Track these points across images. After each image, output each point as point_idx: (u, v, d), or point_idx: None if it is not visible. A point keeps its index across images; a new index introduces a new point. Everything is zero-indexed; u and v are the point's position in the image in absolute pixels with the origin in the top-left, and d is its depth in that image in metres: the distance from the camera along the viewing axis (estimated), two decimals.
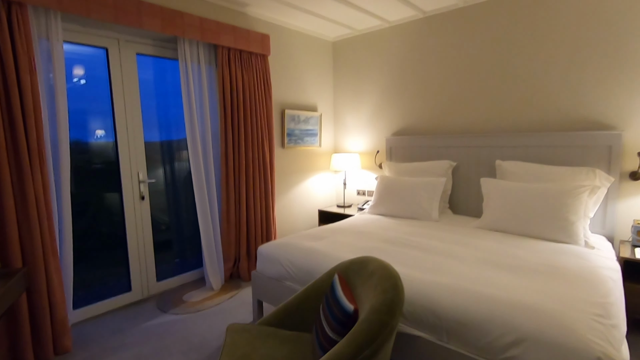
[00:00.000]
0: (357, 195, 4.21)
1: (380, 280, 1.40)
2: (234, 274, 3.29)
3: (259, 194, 3.27)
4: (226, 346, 1.49)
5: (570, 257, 2.08)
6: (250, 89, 3.15)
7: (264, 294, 2.43)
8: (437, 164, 3.30)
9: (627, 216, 2.59)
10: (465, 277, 1.78)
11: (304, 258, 2.19)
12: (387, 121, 3.84)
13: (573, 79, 2.72)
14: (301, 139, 3.88)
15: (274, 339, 1.58)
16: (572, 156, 2.73)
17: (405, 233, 2.61)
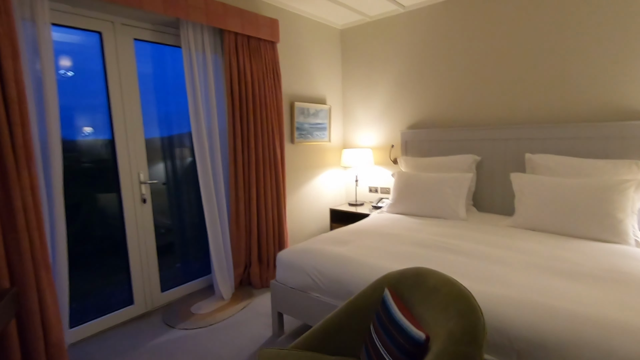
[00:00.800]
0: (369, 192, 3.98)
1: (450, 300, 1.18)
2: (244, 280, 3.04)
3: (270, 193, 3.01)
4: None
5: (627, 260, 1.90)
6: (260, 79, 2.88)
7: (285, 306, 2.19)
8: (460, 158, 3.09)
9: None
10: (525, 287, 1.57)
11: (334, 266, 1.96)
12: (402, 114, 3.61)
13: (607, 65, 2.52)
14: (310, 134, 3.63)
15: None
16: (610, 148, 2.54)
17: (436, 234, 2.40)
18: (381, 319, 1.32)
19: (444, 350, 1.04)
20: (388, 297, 1.36)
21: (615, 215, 2.21)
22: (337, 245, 2.25)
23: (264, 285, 3.01)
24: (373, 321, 1.38)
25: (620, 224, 2.19)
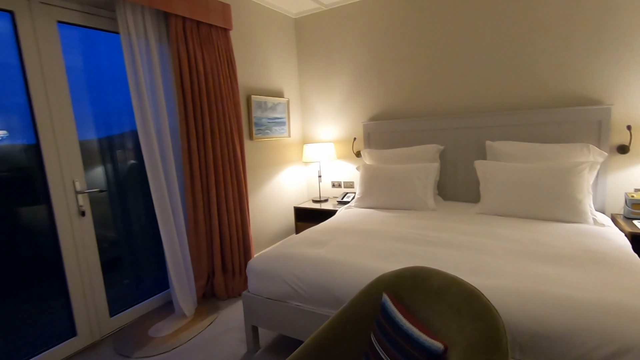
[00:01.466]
0: (332, 187, 3.87)
1: (461, 302, 1.08)
2: (207, 293, 2.76)
3: (232, 196, 2.76)
4: None
5: (594, 239, 1.98)
6: (213, 70, 2.60)
7: (260, 319, 1.99)
8: (424, 148, 3.08)
9: (616, 190, 2.61)
10: (517, 276, 1.54)
11: (316, 271, 1.79)
12: (363, 105, 3.53)
13: (560, 54, 2.65)
14: (269, 129, 3.41)
15: None
16: (563, 133, 2.67)
17: (412, 227, 2.34)
18: (384, 328, 1.19)
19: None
20: (388, 303, 1.24)
21: (575, 196, 2.31)
22: (313, 247, 2.09)
23: (231, 295, 2.76)
24: (374, 331, 1.25)
25: (579, 204, 2.30)
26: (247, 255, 2.87)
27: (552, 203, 2.35)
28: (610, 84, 2.53)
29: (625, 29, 2.43)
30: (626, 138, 2.53)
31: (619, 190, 2.60)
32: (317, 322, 1.75)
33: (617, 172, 2.60)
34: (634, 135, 2.50)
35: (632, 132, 2.50)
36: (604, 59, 2.52)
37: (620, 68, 2.48)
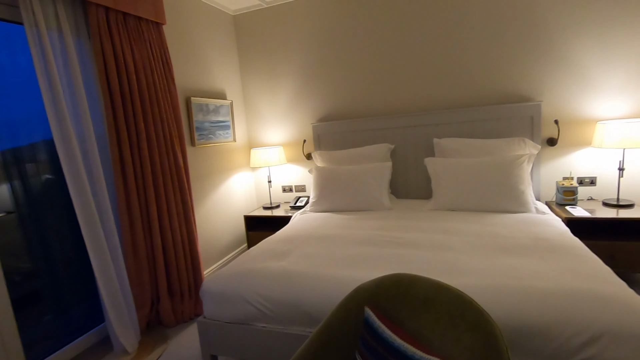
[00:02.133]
0: (283, 192, 3.71)
1: (453, 311, 1.02)
2: (152, 321, 2.43)
3: (175, 209, 2.46)
4: None
5: (539, 226, 2.10)
6: (146, 69, 2.29)
7: (221, 346, 1.77)
8: (376, 148, 3.08)
9: (548, 179, 2.85)
10: (486, 271, 1.55)
11: (283, 287, 1.64)
12: (311, 106, 3.43)
13: (496, 56, 2.81)
14: (213, 134, 3.15)
15: None
16: (502, 128, 2.84)
17: (374, 229, 2.29)
18: (371, 347, 1.09)
19: None
20: (372, 319, 1.14)
21: (518, 187, 2.45)
22: (274, 259, 1.93)
23: (180, 321, 2.47)
24: (359, 350, 1.14)
25: (522, 195, 2.45)
26: (196, 274, 2.59)
27: (498, 195, 2.47)
28: (539, 82, 2.74)
29: (551, 34, 2.65)
30: (554, 131, 2.77)
31: (550, 180, 2.84)
32: (288, 343, 1.60)
33: (548, 163, 2.83)
34: (561, 129, 2.74)
35: (559, 126, 2.74)
36: (534, 60, 2.72)
37: (548, 68, 2.70)
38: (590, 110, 2.65)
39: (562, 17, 2.60)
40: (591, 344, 1.19)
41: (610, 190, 2.69)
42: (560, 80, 2.68)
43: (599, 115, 2.63)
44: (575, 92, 2.66)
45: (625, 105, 2.57)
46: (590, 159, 2.71)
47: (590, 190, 2.75)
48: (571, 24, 2.59)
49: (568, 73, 2.66)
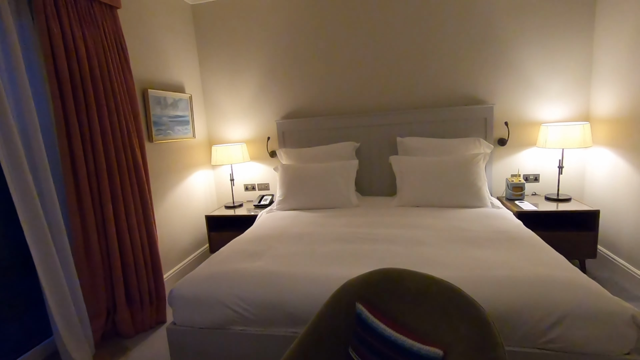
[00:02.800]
0: (245, 191, 3.61)
1: (446, 303, 1.06)
2: (108, 333, 2.23)
3: (134, 209, 2.28)
4: None
5: (496, 220, 2.27)
6: (100, 56, 2.08)
7: (194, 354, 1.67)
8: (341, 146, 3.11)
9: (499, 176, 3.08)
10: (457, 264, 1.64)
11: (262, 288, 1.58)
12: (275, 103, 3.37)
13: (454, 61, 2.98)
14: (171, 129, 2.96)
15: None
16: (459, 128, 3.02)
17: (345, 226, 2.32)
18: (367, 342, 1.09)
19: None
20: (366, 314, 1.15)
21: (475, 184, 2.63)
22: (248, 260, 1.87)
23: (141, 330, 2.29)
24: (353, 346, 1.14)
25: (480, 191, 2.62)
26: (157, 278, 2.42)
27: (458, 191, 2.62)
28: (492, 87, 2.96)
29: (502, 44, 2.86)
30: (505, 132, 3.00)
31: (500, 177, 3.08)
32: (269, 345, 1.55)
33: (498, 161, 3.06)
34: (511, 130, 2.98)
35: (509, 127, 2.98)
36: (488, 67, 2.93)
37: (499, 74, 2.92)
38: (535, 113, 2.92)
39: (511, 29, 2.83)
40: (557, 325, 1.30)
41: (551, 186, 2.98)
42: (510, 85, 2.92)
43: (543, 118, 2.91)
44: (523, 96, 2.91)
45: (565, 109, 2.86)
46: (535, 157, 2.98)
47: (534, 186, 3.02)
48: (519, 35, 2.82)
49: (517, 79, 2.89)
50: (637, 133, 2.33)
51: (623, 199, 2.49)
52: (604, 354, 1.28)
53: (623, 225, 2.50)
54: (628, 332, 1.26)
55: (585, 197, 2.92)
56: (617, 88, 2.50)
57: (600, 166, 2.72)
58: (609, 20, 2.55)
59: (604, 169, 2.69)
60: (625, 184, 2.47)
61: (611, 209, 2.62)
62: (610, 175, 2.62)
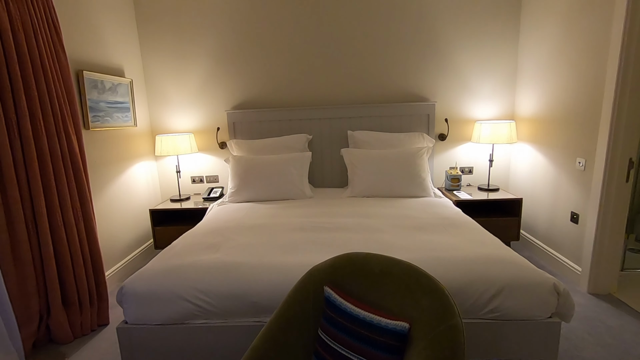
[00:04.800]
0: (192, 184, 3.46)
1: (409, 280, 1.15)
2: (40, 340, 2.01)
3: (70, 203, 2.07)
4: None
5: (439, 208, 2.47)
6: (27, 30, 1.84)
7: (150, 353, 1.59)
8: (294, 138, 3.13)
9: (439, 168, 3.35)
10: (411, 247, 1.77)
11: (224, 279, 1.56)
12: (226, 92, 3.27)
13: (400, 60, 3.15)
14: (110, 116, 2.72)
15: None
16: (404, 124, 3.21)
17: (301, 216, 2.35)
18: (336, 322, 1.14)
19: (435, 331, 1.00)
20: (334, 296, 1.20)
21: (420, 175, 2.83)
22: (206, 252, 1.81)
23: (79, 334, 2.10)
24: (323, 328, 1.18)
25: (424, 182, 2.83)
26: (98, 278, 2.23)
27: (405, 182, 2.80)
28: (434, 86, 3.19)
29: (443, 46, 3.10)
30: (445, 128, 3.26)
31: (440, 169, 3.34)
32: (232, 336, 1.54)
33: (439, 155, 3.32)
34: (450, 126, 3.25)
35: (448, 124, 3.24)
36: (430, 67, 3.15)
37: (440, 74, 3.16)
38: (470, 111, 3.21)
39: (451, 35, 3.07)
40: (496, 297, 1.48)
41: (483, 177, 3.32)
42: (450, 85, 3.17)
43: (477, 116, 3.21)
44: (461, 96, 3.19)
45: (495, 108, 3.19)
46: (469, 152, 3.29)
47: (469, 178, 3.34)
48: (457, 40, 3.08)
49: (455, 80, 3.16)
50: (552, 131, 2.70)
51: (540, 188, 2.87)
52: (532, 319, 1.49)
53: (540, 211, 2.88)
54: (550, 298, 1.48)
55: (510, 187, 3.30)
56: (537, 91, 2.86)
57: (523, 160, 3.10)
58: (532, 29, 2.89)
59: (525, 162, 3.06)
60: (542, 176, 2.84)
61: (531, 197, 3.00)
62: (530, 168, 2.99)
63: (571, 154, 2.50)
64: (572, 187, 2.50)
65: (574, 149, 2.48)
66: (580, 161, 2.41)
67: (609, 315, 2.11)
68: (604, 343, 1.87)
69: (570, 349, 1.83)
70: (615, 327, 2.00)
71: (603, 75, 2.18)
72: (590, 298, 2.30)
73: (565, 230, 2.59)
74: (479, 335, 1.50)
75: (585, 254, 2.37)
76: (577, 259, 2.48)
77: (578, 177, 2.45)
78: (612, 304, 2.23)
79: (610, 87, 2.12)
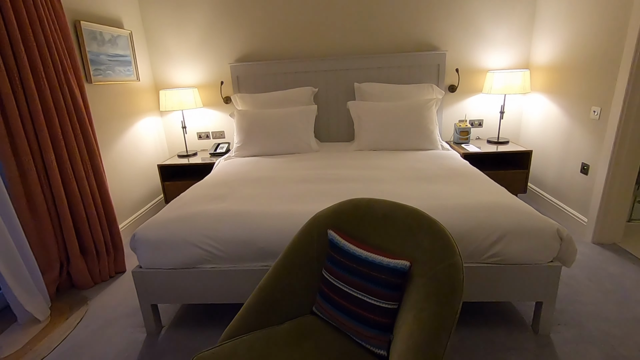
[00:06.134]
0: (198, 140, 3.46)
1: (411, 222, 1.17)
2: (63, 285, 2.14)
3: (79, 157, 2.10)
4: None
5: (446, 160, 2.45)
6: None
7: (163, 294, 1.68)
8: (300, 91, 3.06)
9: (448, 121, 3.27)
10: (416, 196, 1.77)
11: (233, 226, 1.60)
12: (229, 44, 3.16)
13: (409, 7, 2.97)
14: (112, 70, 2.68)
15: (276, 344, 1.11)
16: (413, 75, 3.10)
17: (307, 169, 2.36)
18: (340, 263, 1.18)
19: (435, 269, 1.03)
20: (337, 239, 1.23)
21: (428, 128, 2.77)
22: (213, 203, 1.85)
23: (99, 281, 2.23)
24: (327, 268, 1.23)
25: (432, 134, 2.78)
26: (112, 228, 2.32)
27: (412, 135, 2.75)
28: (445, 34, 3.03)
29: None
30: (455, 79, 3.14)
31: (449, 122, 3.27)
32: (239, 279, 1.61)
33: (448, 107, 3.23)
34: (461, 77, 3.12)
35: (459, 74, 3.12)
36: (441, 14, 2.96)
37: (452, 21, 2.98)
38: (483, 61, 3.07)
39: None
40: (498, 242, 1.50)
41: (493, 130, 3.24)
42: (462, 33, 3.00)
43: (490, 66, 3.07)
44: (473, 44, 3.03)
45: (508, 57, 3.04)
46: (480, 104, 3.19)
47: (478, 131, 3.27)
48: None
49: (467, 27, 2.98)
50: (568, 79, 2.58)
51: (551, 140, 2.80)
52: (533, 263, 1.52)
53: (549, 163, 2.84)
54: (553, 244, 1.50)
55: (521, 140, 3.23)
56: (555, 37, 2.70)
57: (535, 111, 3.00)
58: None
59: (538, 114, 2.97)
60: (554, 127, 2.76)
61: (542, 150, 2.94)
62: (543, 119, 2.90)
63: (586, 102, 2.41)
64: (585, 138, 2.43)
65: (589, 97, 2.38)
66: (595, 110, 2.32)
67: (612, 263, 2.14)
68: (604, 289, 1.91)
69: (570, 294, 1.88)
70: (616, 274, 2.03)
71: (626, 19, 2.04)
72: (594, 247, 2.32)
73: (574, 181, 2.56)
74: (479, 278, 1.54)
75: (592, 204, 2.36)
76: (584, 210, 2.47)
77: (592, 127, 2.37)
78: (616, 252, 2.25)
79: (634, 33, 1.98)
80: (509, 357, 1.51)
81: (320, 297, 1.23)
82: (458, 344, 1.59)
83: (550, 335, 1.61)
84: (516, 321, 1.71)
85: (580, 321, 1.69)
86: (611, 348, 1.52)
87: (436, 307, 0.95)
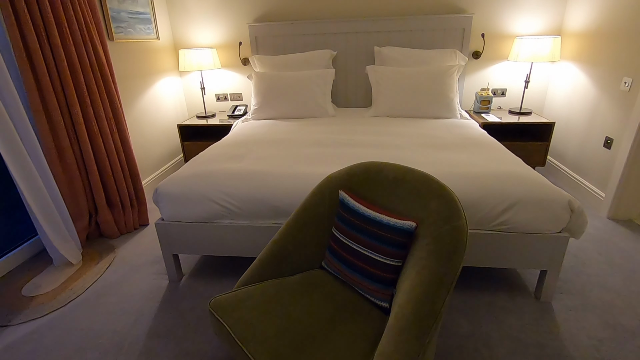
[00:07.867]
0: (217, 101, 3.49)
1: (420, 186, 1.20)
2: (92, 234, 2.31)
3: (104, 113, 2.18)
4: (237, 332, 1.03)
5: (464, 129, 2.42)
6: None
7: (183, 245, 1.80)
8: (318, 54, 3.01)
9: (469, 88, 3.18)
10: (430, 163, 1.79)
11: (249, 185, 1.67)
12: (247, 3, 3.10)
13: None
14: (132, 27, 2.69)
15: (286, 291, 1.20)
16: (436, 39, 2.99)
17: (323, 133, 2.38)
18: (349, 222, 1.24)
19: (440, 230, 1.07)
20: (347, 199, 1.28)
21: (448, 95, 2.72)
22: (231, 162, 1.92)
23: (124, 232, 2.38)
24: (336, 227, 1.29)
25: (451, 102, 2.73)
26: (136, 184, 2.44)
27: (431, 102, 2.71)
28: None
29: None
30: (480, 45, 3.01)
31: (470, 90, 3.18)
32: (255, 234, 1.70)
33: (470, 75, 3.13)
34: (486, 42, 2.99)
35: (485, 39, 2.99)
36: None
37: None
38: (511, 25, 2.92)
39: None
40: (508, 210, 1.52)
41: (516, 101, 3.14)
42: None
43: (518, 31, 2.92)
44: (502, 7, 2.87)
45: (539, 22, 2.88)
46: (504, 72, 3.07)
47: (500, 101, 3.17)
48: None
49: None
50: (602, 47, 2.44)
51: (577, 112, 2.70)
52: (542, 232, 1.54)
53: (572, 136, 2.76)
54: (563, 214, 1.50)
55: (545, 111, 3.12)
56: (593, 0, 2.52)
57: (562, 81, 2.87)
58: None
59: (565, 84, 2.84)
60: (581, 98, 2.65)
61: (565, 122, 2.85)
62: (569, 90, 2.79)
63: (618, 73, 2.29)
64: (612, 111, 2.34)
65: (622, 67, 2.26)
66: (626, 81, 2.21)
67: (624, 238, 2.14)
68: (612, 262, 1.93)
69: (577, 265, 1.91)
70: (627, 249, 2.03)
71: None
72: (609, 222, 2.31)
73: (596, 155, 2.49)
74: (486, 245, 1.58)
75: (612, 179, 2.32)
76: (603, 185, 2.43)
77: (620, 99, 2.27)
78: (630, 228, 2.24)
79: None
80: (508, 319, 1.58)
81: (329, 252, 1.31)
82: (461, 305, 1.66)
83: (552, 303, 1.66)
84: (520, 288, 1.76)
85: (584, 291, 1.73)
86: (611, 316, 1.57)
87: (438, 265, 1.01)
